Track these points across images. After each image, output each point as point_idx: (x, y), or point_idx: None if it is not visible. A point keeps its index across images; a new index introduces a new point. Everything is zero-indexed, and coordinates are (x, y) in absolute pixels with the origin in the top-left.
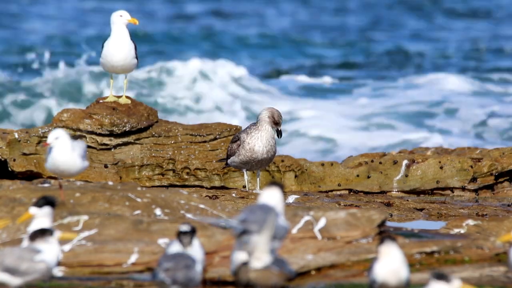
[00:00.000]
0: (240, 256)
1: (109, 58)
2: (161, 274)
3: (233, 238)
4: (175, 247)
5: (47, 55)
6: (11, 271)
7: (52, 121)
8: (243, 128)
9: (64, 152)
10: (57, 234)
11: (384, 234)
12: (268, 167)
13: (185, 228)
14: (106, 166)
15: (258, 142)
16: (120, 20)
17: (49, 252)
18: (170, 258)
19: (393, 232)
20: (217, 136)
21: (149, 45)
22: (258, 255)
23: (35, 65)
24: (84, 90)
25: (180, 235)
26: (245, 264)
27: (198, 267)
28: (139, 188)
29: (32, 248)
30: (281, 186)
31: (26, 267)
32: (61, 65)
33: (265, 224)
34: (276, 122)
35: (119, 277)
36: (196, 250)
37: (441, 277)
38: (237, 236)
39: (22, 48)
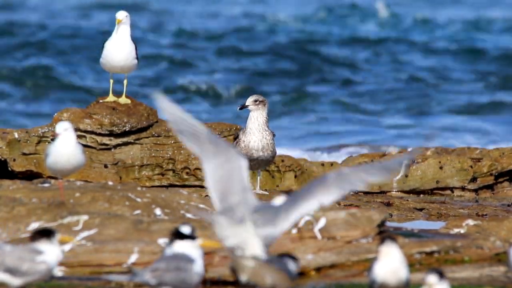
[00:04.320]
0: (248, 261)
1: (109, 58)
2: (146, 275)
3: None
4: (173, 248)
5: None
6: (12, 271)
7: (52, 121)
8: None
9: (69, 144)
10: (58, 235)
11: (384, 234)
12: (268, 167)
13: (185, 229)
14: (106, 166)
15: (252, 137)
16: (125, 20)
17: (50, 252)
18: (163, 259)
19: (393, 232)
20: None
21: None
22: (251, 252)
23: None
24: None
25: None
26: (242, 261)
27: (195, 268)
28: (139, 188)
29: (33, 249)
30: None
31: (27, 267)
32: None
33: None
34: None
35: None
36: (194, 250)
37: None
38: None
39: None
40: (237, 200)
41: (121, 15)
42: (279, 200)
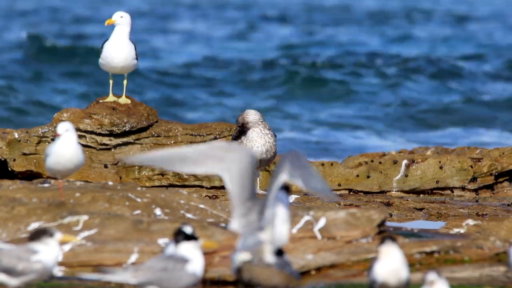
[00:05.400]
0: (242, 255)
1: (109, 60)
2: (126, 274)
3: (234, 238)
4: (172, 248)
5: None
6: (8, 271)
7: (52, 121)
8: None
9: (70, 145)
10: (58, 235)
11: (384, 234)
12: (268, 167)
13: (188, 229)
14: (106, 166)
15: (255, 144)
16: (122, 21)
17: (47, 252)
18: (153, 259)
19: (393, 232)
20: (217, 136)
21: None
22: (262, 255)
23: None
24: None
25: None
26: (247, 262)
27: (188, 269)
28: (139, 188)
29: (29, 249)
30: (287, 187)
31: (23, 267)
32: None
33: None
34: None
35: None
36: (191, 250)
37: None
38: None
39: None
40: (252, 207)
41: (116, 16)
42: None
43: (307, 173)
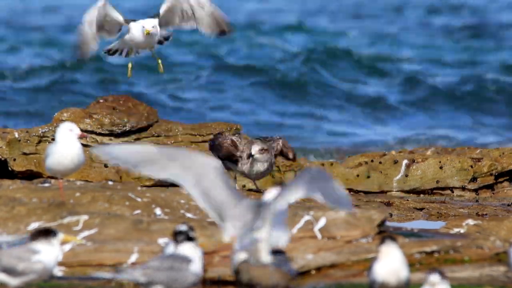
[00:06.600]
0: (240, 256)
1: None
2: (136, 272)
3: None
4: (172, 248)
5: None
6: (9, 271)
7: (52, 121)
8: (243, 130)
9: (73, 145)
10: (59, 235)
11: (384, 233)
12: None
13: (182, 228)
14: (106, 166)
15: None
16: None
17: (48, 252)
18: (157, 258)
19: (393, 232)
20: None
21: None
22: (259, 255)
23: None
24: None
25: (176, 235)
26: (245, 262)
27: (191, 268)
28: (139, 188)
29: (30, 248)
30: (282, 184)
31: (23, 267)
32: None
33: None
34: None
35: None
36: (192, 250)
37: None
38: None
39: None
40: (242, 209)
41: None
42: (271, 193)
43: (328, 187)
